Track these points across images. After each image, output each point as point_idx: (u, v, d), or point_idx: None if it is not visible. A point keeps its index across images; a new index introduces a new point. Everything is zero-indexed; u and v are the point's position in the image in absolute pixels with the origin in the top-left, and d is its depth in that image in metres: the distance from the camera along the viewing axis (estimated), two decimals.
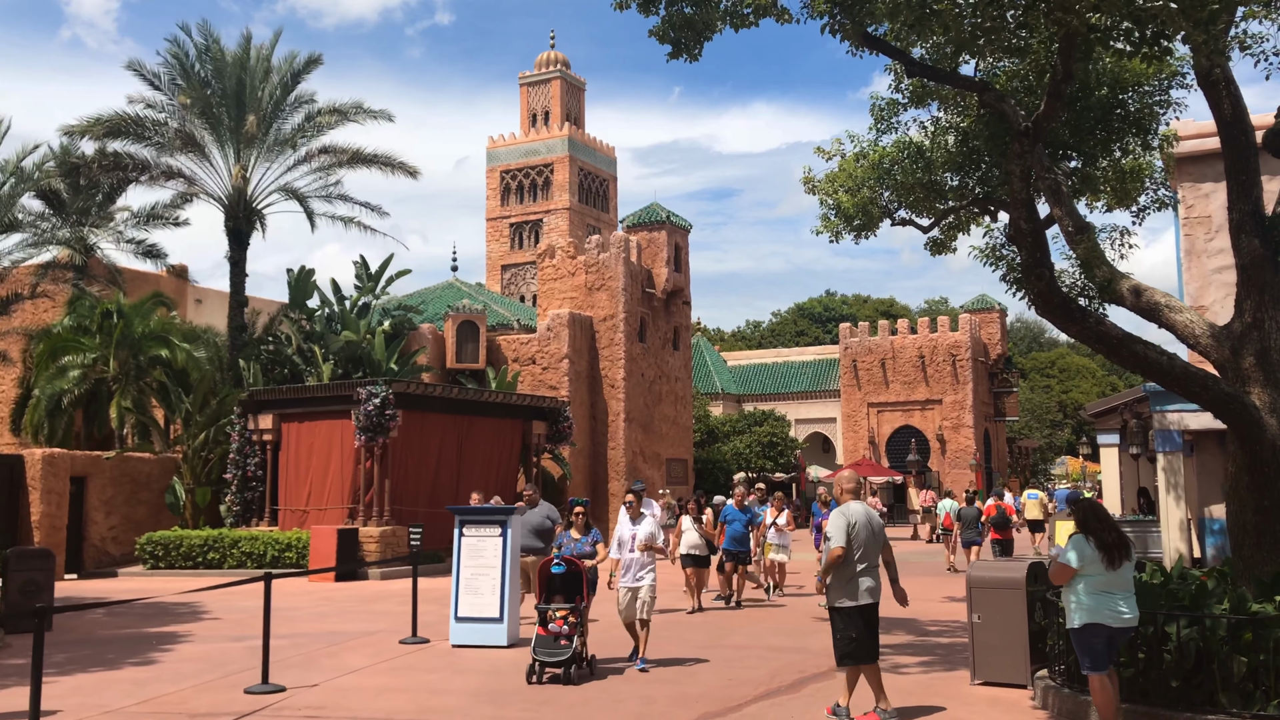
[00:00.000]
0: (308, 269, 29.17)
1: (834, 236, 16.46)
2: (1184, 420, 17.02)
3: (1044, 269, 8.48)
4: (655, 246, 34.45)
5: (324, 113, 30.70)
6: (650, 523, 11.29)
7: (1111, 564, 7.39)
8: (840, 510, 8.60)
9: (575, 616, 10.28)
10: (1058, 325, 8.86)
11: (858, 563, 8.31)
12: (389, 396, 22.49)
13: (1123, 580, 7.48)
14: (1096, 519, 7.57)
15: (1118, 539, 7.48)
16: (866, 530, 8.39)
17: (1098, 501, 8.53)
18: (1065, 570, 7.53)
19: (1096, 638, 7.42)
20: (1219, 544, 17.12)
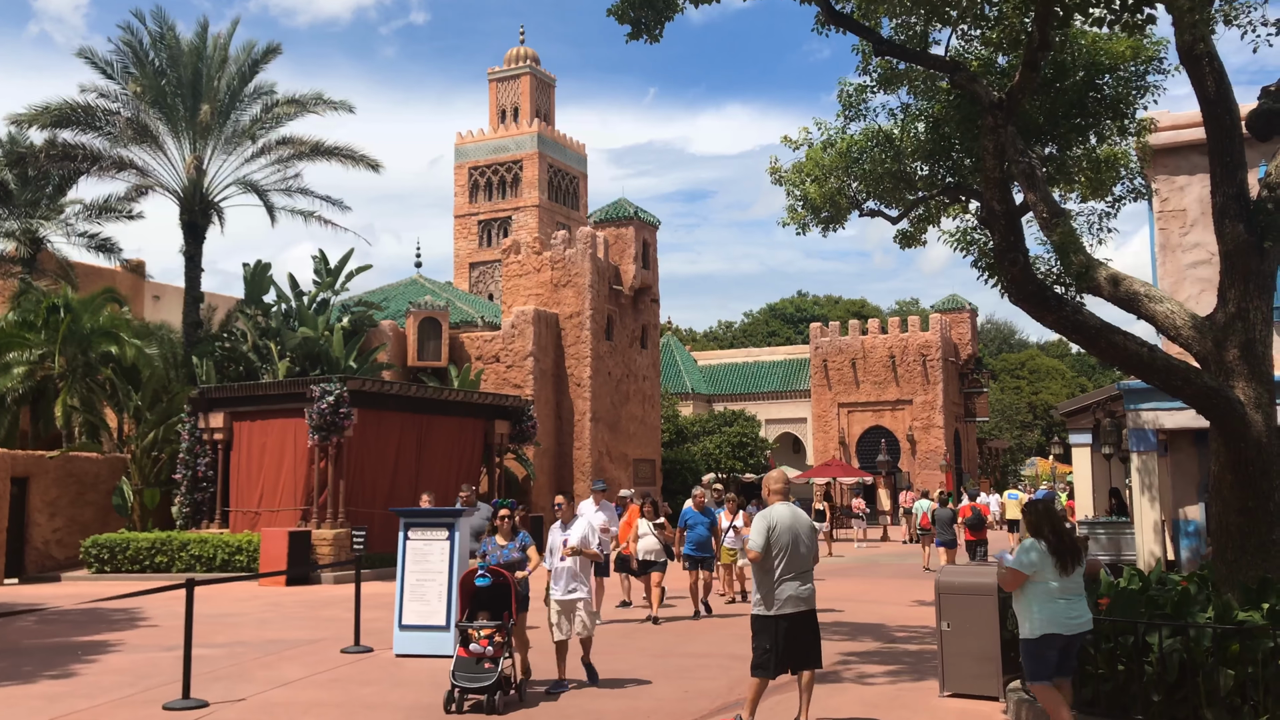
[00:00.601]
0: (264, 263, 28.39)
1: (801, 229, 15.97)
2: (1159, 419, 16.59)
3: (1017, 254, 7.94)
4: (623, 243, 33.81)
5: (282, 103, 29.92)
6: (583, 525, 10.19)
7: (1064, 570, 7.15)
8: (763, 513, 8.09)
9: (502, 635, 9.14)
10: (1032, 314, 8.33)
11: (779, 570, 7.84)
12: (343, 394, 21.75)
13: (1074, 585, 7.26)
14: (1049, 523, 7.31)
15: (1071, 543, 7.27)
16: (789, 535, 7.88)
17: (1051, 504, 8.12)
18: (1017, 577, 7.26)
19: (1051, 648, 7.18)
20: (1193, 546, 16.71)
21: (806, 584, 7.95)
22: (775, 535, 7.88)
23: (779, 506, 8.13)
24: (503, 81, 59.68)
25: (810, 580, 8.00)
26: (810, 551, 8.02)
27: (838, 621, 14.79)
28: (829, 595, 17.97)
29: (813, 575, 8.04)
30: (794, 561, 7.87)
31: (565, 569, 9.94)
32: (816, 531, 8.31)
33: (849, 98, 14.49)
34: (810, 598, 7.97)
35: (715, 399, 53.07)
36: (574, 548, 9.90)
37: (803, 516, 8.12)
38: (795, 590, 7.88)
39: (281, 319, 28.47)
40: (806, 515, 8.26)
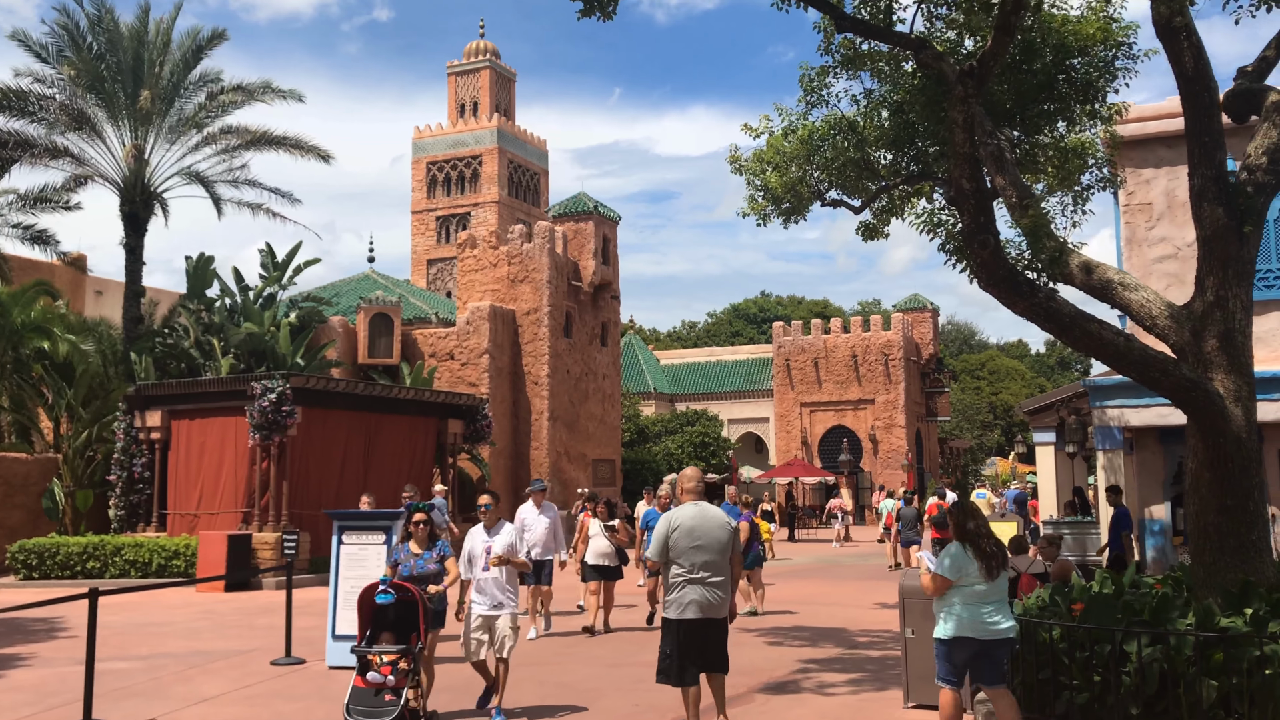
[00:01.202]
0: (207, 256, 27.39)
1: (761, 219, 15.45)
2: (1125, 416, 16.20)
3: (988, 235, 7.40)
4: (582, 238, 33.12)
5: (228, 90, 28.97)
6: (510, 531, 8.96)
7: (990, 575, 6.96)
8: (665, 515, 7.74)
9: (408, 662, 7.84)
10: (1003, 300, 7.78)
11: (682, 573, 7.41)
12: (286, 391, 20.92)
13: (998, 590, 7.05)
14: (975, 525, 7.09)
15: (997, 547, 7.07)
16: (690, 539, 7.42)
17: (976, 506, 7.73)
18: (941, 582, 7.05)
19: (963, 651, 6.98)
20: (1159, 545, 16.33)
21: (714, 590, 7.43)
22: (674, 539, 7.48)
23: (685, 508, 7.64)
24: (462, 75, 58.79)
25: (722, 587, 7.47)
26: (721, 555, 7.50)
27: (798, 626, 14.24)
28: (788, 598, 17.43)
29: (726, 581, 7.51)
30: (698, 566, 7.41)
31: (490, 580, 8.74)
32: (734, 533, 7.66)
33: (810, 82, 13.95)
34: (720, 604, 7.47)
35: (678, 398, 52.52)
36: (500, 557, 8.68)
37: (714, 518, 7.60)
38: (698, 595, 7.39)
39: (226, 314, 27.52)
40: (723, 516, 7.67)
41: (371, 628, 8.12)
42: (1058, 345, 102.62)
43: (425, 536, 8.83)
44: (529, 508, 13.31)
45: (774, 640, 13.00)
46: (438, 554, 8.77)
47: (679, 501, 8.01)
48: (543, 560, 13.08)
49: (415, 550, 8.82)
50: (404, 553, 8.83)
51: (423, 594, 8.20)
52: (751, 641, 12.90)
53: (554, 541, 13.25)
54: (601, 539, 13.74)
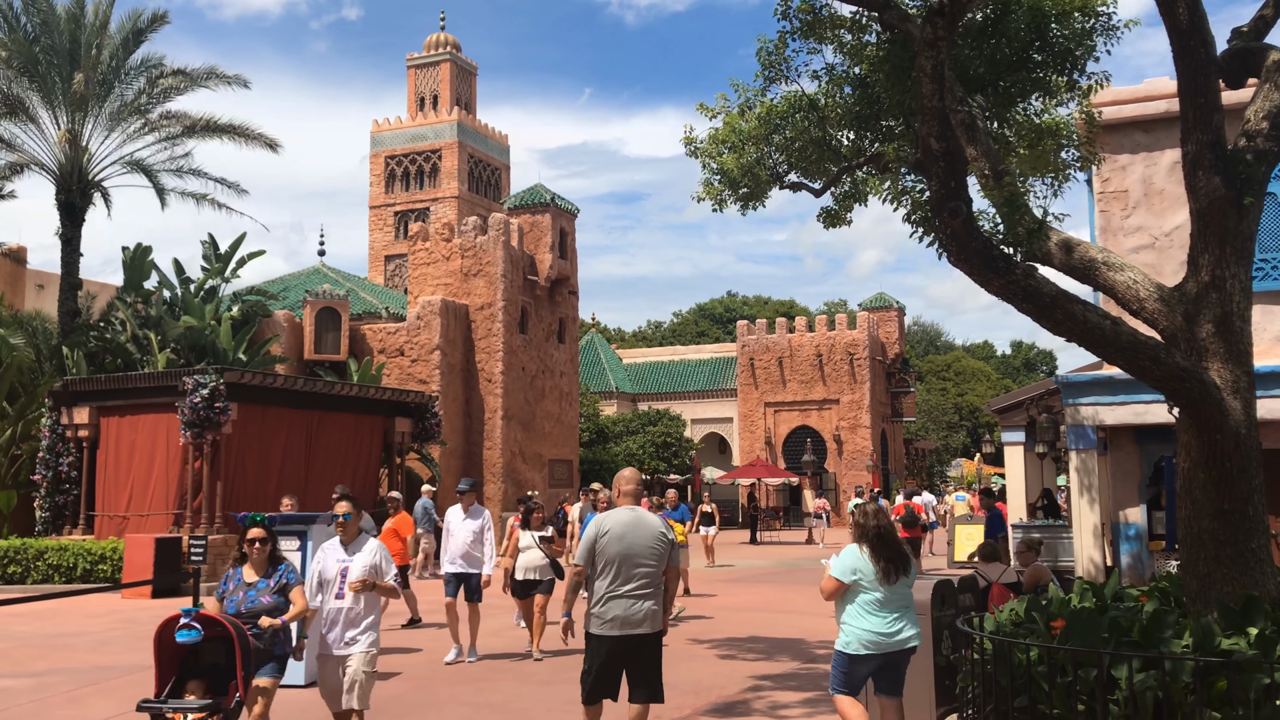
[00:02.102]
0: (144, 246, 26.14)
1: (717, 204, 14.59)
2: (1099, 414, 15.43)
3: (959, 202, 6.52)
4: (539, 230, 32.07)
5: (169, 74, 27.77)
6: (373, 551, 7.26)
7: (887, 579, 6.67)
8: (595, 520, 6.99)
9: (219, 718, 6.26)
10: (976, 278, 6.90)
11: (608, 584, 6.69)
12: (219, 387, 19.79)
13: (899, 597, 6.75)
14: (876, 527, 6.80)
15: (897, 551, 6.78)
16: (620, 545, 6.69)
17: (880, 507, 7.20)
18: (833, 584, 6.78)
19: (866, 666, 6.70)
20: (1134, 551, 15.58)
21: (643, 603, 6.68)
22: (602, 545, 6.76)
23: (618, 512, 6.88)
24: (422, 68, 57.58)
25: (652, 599, 6.73)
26: (654, 566, 6.76)
27: (753, 636, 13.33)
28: (745, 604, 16.54)
29: (657, 594, 6.77)
30: (626, 577, 6.68)
31: (343, 611, 7.05)
32: (669, 543, 6.87)
33: (768, 56, 13.06)
34: (648, 619, 6.71)
35: (640, 398, 51.60)
36: (362, 581, 7.02)
37: (649, 526, 6.84)
38: (624, 610, 6.65)
39: (164, 308, 26.29)
40: (658, 524, 6.89)
41: (178, 674, 6.39)
42: (1024, 346, 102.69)
43: (264, 559, 7.06)
44: (455, 512, 11.94)
45: (726, 653, 12.09)
46: (277, 580, 7.02)
47: (615, 504, 7.19)
48: (467, 573, 11.74)
49: (250, 577, 7.01)
50: (234, 581, 7.00)
51: (245, 629, 6.54)
52: (702, 655, 11.99)
53: (482, 551, 11.77)
54: (534, 550, 12.13)
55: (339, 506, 7.40)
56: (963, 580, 8.81)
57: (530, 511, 12.21)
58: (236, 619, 6.64)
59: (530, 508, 12.28)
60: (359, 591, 7.02)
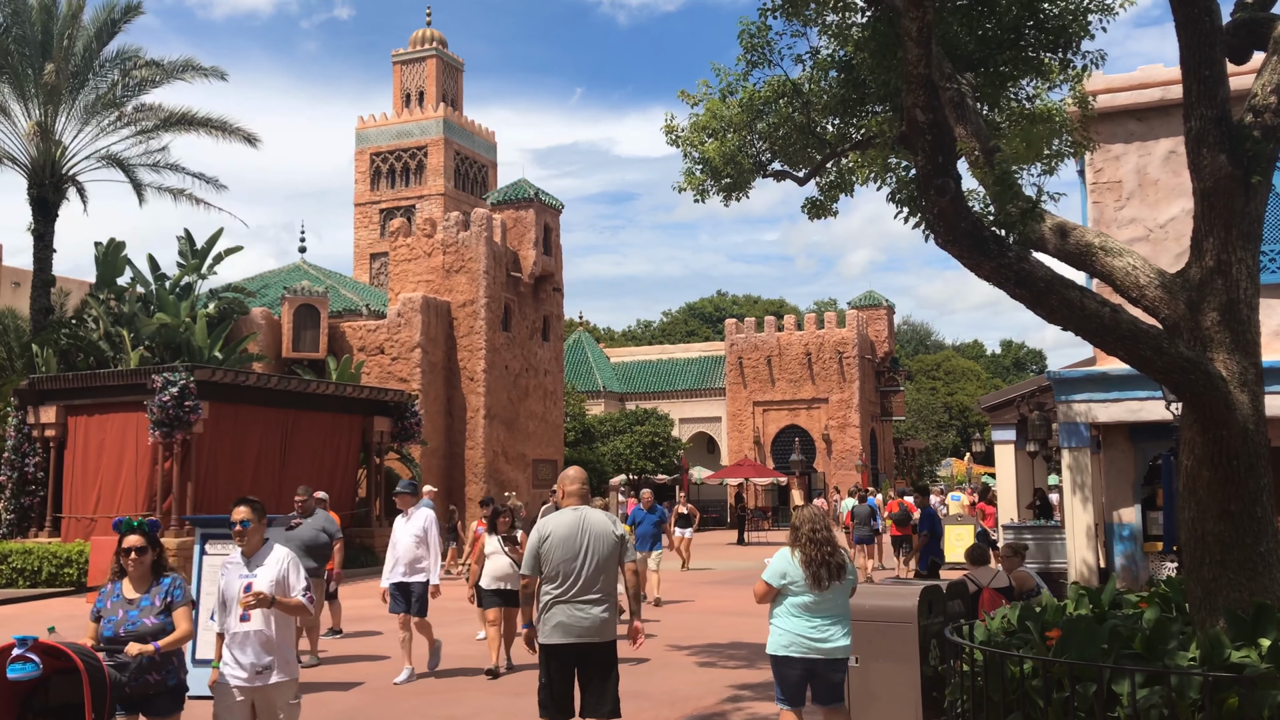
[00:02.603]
0: (118, 242, 25.54)
1: (699, 195, 14.12)
2: (1092, 412, 14.99)
3: (947, 179, 6.03)
4: (522, 226, 31.51)
5: (141, 66, 27.16)
6: (279, 562, 6.09)
7: (818, 583, 6.42)
8: (538, 524, 6.63)
9: None
10: (965, 260, 6.41)
11: (554, 590, 6.30)
12: (190, 385, 19.22)
13: (832, 603, 6.50)
14: (810, 529, 6.54)
15: (829, 554, 6.51)
16: (562, 550, 6.31)
17: (818, 508, 6.92)
18: (762, 587, 6.60)
19: (793, 669, 6.51)
20: (1128, 553, 15.14)
21: (590, 610, 6.29)
22: (546, 549, 6.37)
23: (563, 514, 6.51)
24: (408, 64, 56.97)
25: (601, 604, 6.33)
26: (601, 570, 6.36)
27: (734, 643, 12.82)
28: (726, 609, 16.01)
29: (607, 599, 6.38)
30: (572, 582, 6.29)
31: (251, 634, 5.98)
32: (618, 542, 6.47)
33: (750, 38, 12.61)
34: (597, 628, 6.29)
35: (628, 397, 51.08)
36: (260, 595, 5.82)
37: (596, 526, 6.44)
38: (568, 616, 6.26)
39: (139, 304, 25.69)
40: (606, 524, 6.49)
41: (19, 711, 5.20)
42: (1014, 346, 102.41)
43: (145, 572, 5.87)
44: (399, 519, 10.82)
45: (706, 660, 11.59)
46: (163, 596, 5.83)
47: (559, 505, 6.81)
48: (409, 583, 10.57)
49: (129, 594, 5.83)
50: (112, 598, 5.84)
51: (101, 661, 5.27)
52: (680, 663, 11.48)
53: (426, 557, 10.61)
54: (501, 557, 10.95)
55: (236, 512, 6.18)
56: (952, 585, 8.33)
57: (497, 514, 11.13)
58: (114, 643, 5.61)
59: (496, 510, 11.26)
60: (250, 608, 5.86)
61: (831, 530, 6.76)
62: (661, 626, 14.20)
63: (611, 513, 7.16)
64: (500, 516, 11.08)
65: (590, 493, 6.90)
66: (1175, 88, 15.44)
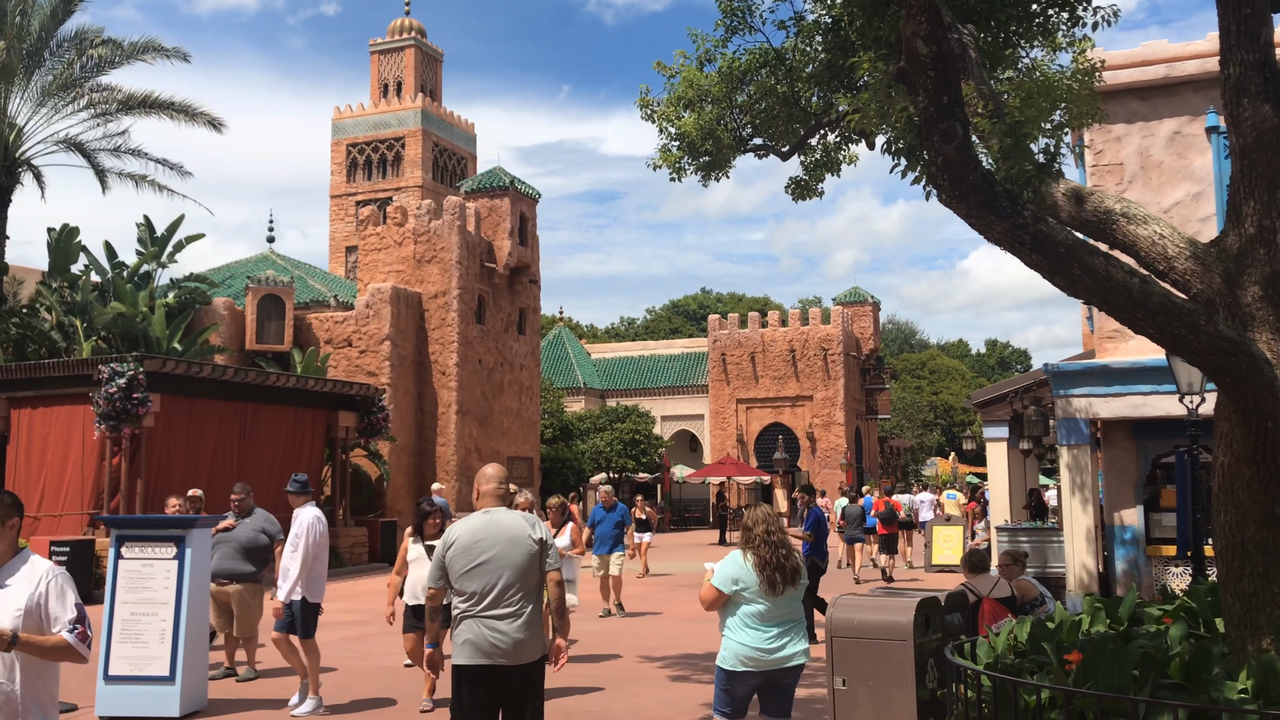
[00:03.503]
0: (71, 228, 24.45)
1: (675, 173, 13.18)
2: (1092, 407, 14.12)
3: (953, 122, 5.12)
4: (497, 215, 30.49)
5: (99, 44, 26.06)
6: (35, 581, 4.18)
7: (772, 589, 5.97)
8: (448, 528, 5.84)
9: None
10: (974, 219, 5.50)
11: (461, 604, 5.54)
12: (138, 376, 18.17)
13: (785, 610, 6.07)
14: (764, 530, 6.07)
15: (784, 558, 6.05)
16: (465, 558, 5.53)
17: (771, 512, 6.32)
18: (711, 593, 6.11)
19: (746, 684, 6.04)
20: (1130, 557, 14.28)
21: (500, 626, 5.48)
22: (449, 559, 5.60)
23: (471, 517, 5.76)
24: (385, 54, 55.84)
25: (517, 618, 5.51)
26: (516, 579, 5.54)
27: (711, 653, 11.82)
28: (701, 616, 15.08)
29: (524, 613, 5.54)
30: (481, 594, 5.51)
31: None
32: (536, 548, 5.65)
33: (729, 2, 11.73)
34: (511, 647, 5.47)
35: (609, 394, 50.12)
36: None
37: (507, 531, 5.63)
38: (475, 634, 5.46)
39: (94, 293, 24.60)
40: (521, 528, 5.67)
41: None
42: (999, 345, 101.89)
43: None
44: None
45: (678, 674, 10.66)
46: None
47: (476, 504, 5.95)
48: (288, 600, 8.94)
49: None
50: None
51: None
52: (650, 676, 10.54)
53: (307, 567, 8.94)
54: (427, 566, 9.09)
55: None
56: (950, 596, 7.41)
57: (424, 516, 9.41)
58: None
59: (424, 511, 9.45)
60: None
61: (785, 531, 6.26)
62: (631, 635, 13.24)
63: (532, 514, 6.20)
64: (429, 518, 9.39)
65: (510, 493, 6.08)
66: (1180, 64, 14.60)
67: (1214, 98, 14.70)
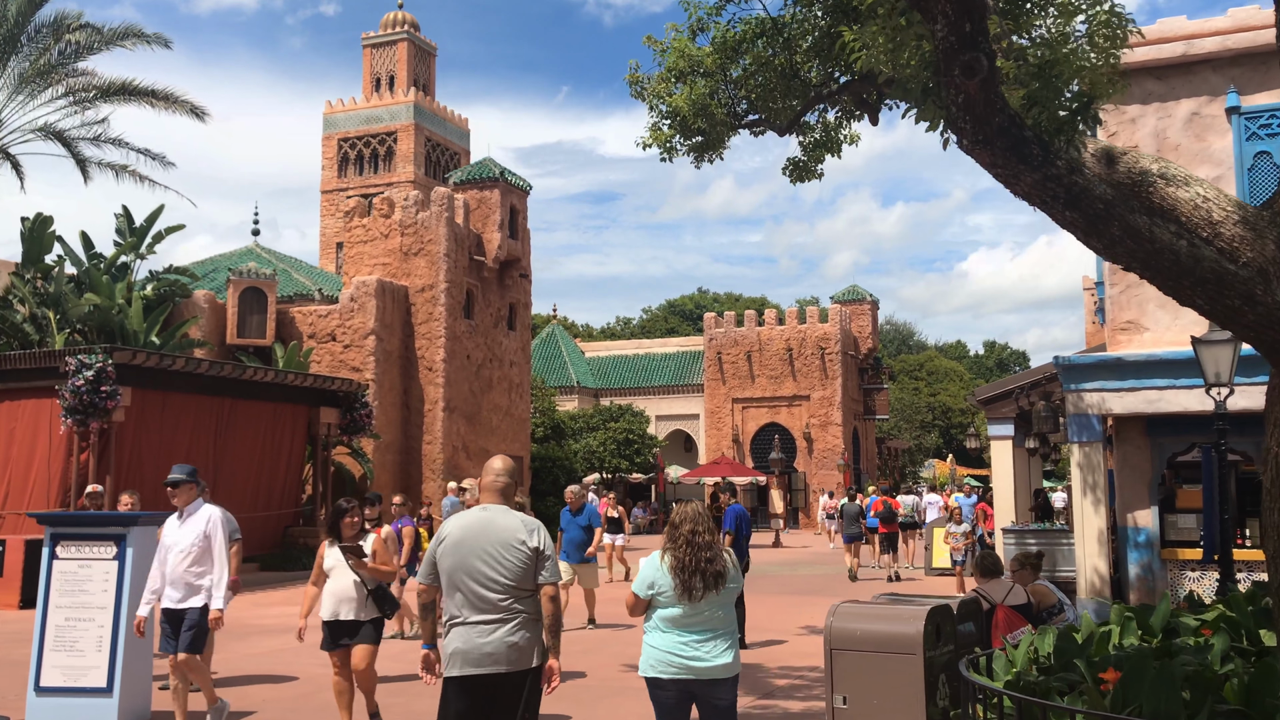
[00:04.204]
0: (45, 216, 23.68)
1: (666, 153, 12.50)
2: (1105, 402, 13.39)
3: (977, 54, 4.40)
4: (487, 207, 29.71)
5: (77, 29, 25.34)
6: None
7: (688, 594, 5.44)
8: (444, 523, 5.45)
9: None
10: (1001, 170, 4.78)
11: (451, 609, 5.18)
12: (107, 368, 17.41)
13: (708, 616, 5.51)
14: (690, 530, 5.55)
15: (707, 561, 5.48)
16: (453, 557, 5.15)
17: (699, 510, 5.75)
18: (632, 600, 5.71)
19: (665, 692, 5.52)
20: (1144, 561, 13.55)
21: (494, 630, 5.08)
22: (439, 556, 5.24)
23: (469, 514, 5.30)
24: (378, 48, 55.09)
25: (507, 624, 5.09)
26: (504, 581, 5.11)
27: None
28: None
29: (513, 620, 5.11)
30: (468, 597, 5.12)
31: None
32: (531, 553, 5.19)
33: None
34: (502, 654, 5.06)
35: (603, 393, 49.37)
36: None
37: (498, 528, 5.19)
38: (464, 641, 5.07)
39: (69, 284, 23.84)
40: (513, 525, 5.22)
41: None
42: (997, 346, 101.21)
43: None
44: (171, 520, 7.96)
45: None
46: None
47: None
48: (180, 609, 7.64)
49: None
50: None
51: None
52: (636, 689, 9.76)
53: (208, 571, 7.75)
54: (345, 574, 7.72)
55: None
56: (963, 604, 6.68)
57: (339, 514, 7.90)
58: None
59: (340, 509, 7.95)
60: None
61: (715, 533, 5.67)
62: (615, 643, 12.52)
63: (530, 517, 5.50)
64: (344, 516, 7.85)
65: (514, 490, 5.45)
66: (1199, 42, 13.88)
67: (1235, 76, 13.99)
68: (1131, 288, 13.94)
